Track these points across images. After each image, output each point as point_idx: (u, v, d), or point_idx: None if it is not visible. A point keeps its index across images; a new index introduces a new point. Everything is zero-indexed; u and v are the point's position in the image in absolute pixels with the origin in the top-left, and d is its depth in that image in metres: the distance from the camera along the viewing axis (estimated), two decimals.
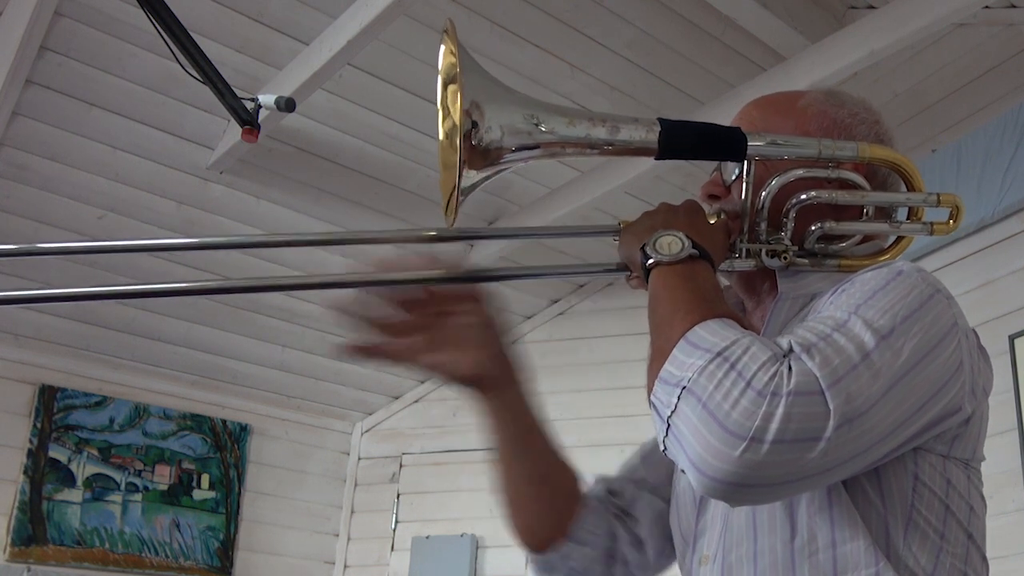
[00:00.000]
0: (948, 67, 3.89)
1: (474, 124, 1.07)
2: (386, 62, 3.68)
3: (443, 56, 1.13)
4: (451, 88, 1.11)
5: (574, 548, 1.26)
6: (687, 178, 4.50)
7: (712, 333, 0.94)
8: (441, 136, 1.13)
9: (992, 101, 3.77)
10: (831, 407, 0.89)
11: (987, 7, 3.43)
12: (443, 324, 1.22)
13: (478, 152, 1.08)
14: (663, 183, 4.36)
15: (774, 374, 0.89)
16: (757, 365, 0.90)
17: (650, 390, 0.97)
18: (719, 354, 0.92)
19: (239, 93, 2.80)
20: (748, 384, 0.89)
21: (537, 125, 1.11)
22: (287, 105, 2.77)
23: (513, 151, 1.11)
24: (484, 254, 4.35)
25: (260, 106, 2.79)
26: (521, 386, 1.26)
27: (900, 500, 1.01)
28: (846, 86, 3.65)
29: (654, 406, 0.96)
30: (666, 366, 0.95)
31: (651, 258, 1.06)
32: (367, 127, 3.95)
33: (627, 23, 3.74)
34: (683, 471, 0.94)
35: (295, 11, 3.47)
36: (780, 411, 0.88)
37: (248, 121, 2.79)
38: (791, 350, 0.93)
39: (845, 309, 0.98)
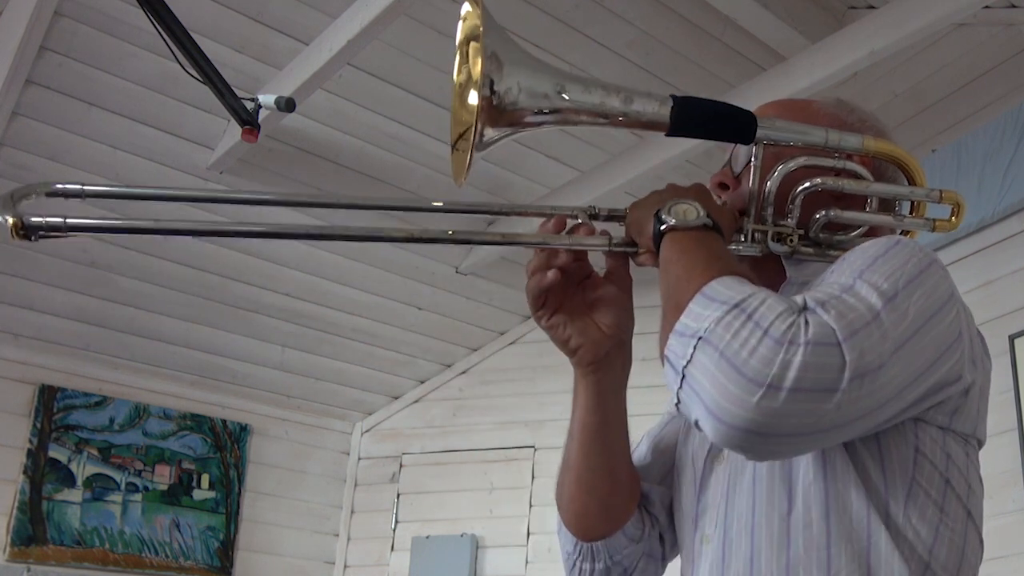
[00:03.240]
0: (948, 67, 3.89)
1: (493, 81, 1.07)
2: (386, 62, 3.68)
3: (466, 14, 1.13)
4: (473, 45, 1.11)
5: (622, 542, 1.25)
6: (688, 179, 4.50)
7: (728, 287, 0.95)
8: (455, 93, 1.13)
9: (992, 101, 3.77)
10: (847, 359, 0.89)
11: (987, 7, 3.42)
12: (577, 291, 1.21)
13: (495, 110, 1.08)
14: (664, 183, 4.36)
15: (792, 323, 0.90)
16: (774, 315, 0.90)
17: (663, 344, 0.97)
18: (736, 305, 0.92)
19: (239, 93, 2.80)
20: (766, 332, 0.89)
21: (558, 91, 1.11)
22: (287, 105, 2.77)
23: (532, 113, 1.11)
24: (482, 252, 4.35)
25: (260, 106, 2.79)
26: (624, 378, 1.25)
27: (901, 471, 1.02)
28: (846, 86, 3.67)
29: (668, 359, 0.96)
30: (681, 319, 0.95)
31: (665, 223, 1.07)
32: (367, 127, 3.95)
33: (627, 23, 3.74)
34: (696, 422, 0.94)
35: (295, 11, 3.47)
36: (799, 359, 0.88)
37: (248, 121, 2.79)
38: (806, 305, 0.93)
39: (849, 274, 0.99)
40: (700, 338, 0.92)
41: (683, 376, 0.93)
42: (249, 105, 2.79)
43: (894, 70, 3.95)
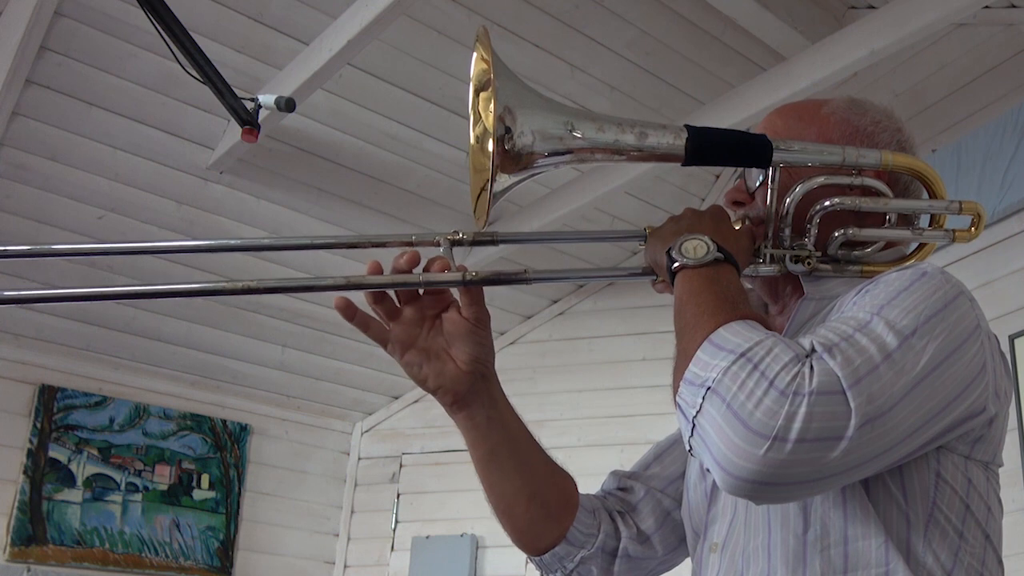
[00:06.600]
0: (948, 67, 3.89)
1: (507, 129, 1.08)
2: (386, 62, 3.69)
3: (475, 63, 1.15)
4: (483, 95, 1.13)
5: (569, 550, 1.28)
6: (687, 179, 4.50)
7: (735, 334, 0.95)
8: (472, 140, 1.15)
9: (992, 101, 3.77)
10: (852, 406, 0.90)
11: (987, 7, 3.43)
12: (432, 326, 1.21)
13: (510, 157, 1.10)
14: (663, 183, 4.36)
15: (796, 374, 0.90)
16: (779, 365, 0.91)
17: (676, 391, 0.98)
18: (742, 355, 0.93)
19: (239, 93, 2.80)
20: (771, 384, 0.90)
21: (569, 131, 1.12)
22: (287, 105, 2.77)
23: (545, 156, 1.12)
24: (481, 255, 4.35)
25: (260, 106, 2.79)
26: (498, 407, 1.25)
27: (922, 497, 1.02)
28: (846, 86, 3.67)
29: (680, 407, 0.97)
30: (690, 367, 0.96)
31: (676, 262, 1.07)
32: (367, 127, 3.96)
33: (627, 23, 3.75)
34: (707, 470, 0.95)
35: (295, 11, 3.47)
36: (802, 410, 0.89)
37: (248, 121, 2.79)
38: (813, 350, 0.93)
39: (868, 310, 0.98)
40: (708, 388, 0.93)
41: (693, 425, 0.94)
42: (249, 105, 2.79)
43: (894, 70, 3.95)
